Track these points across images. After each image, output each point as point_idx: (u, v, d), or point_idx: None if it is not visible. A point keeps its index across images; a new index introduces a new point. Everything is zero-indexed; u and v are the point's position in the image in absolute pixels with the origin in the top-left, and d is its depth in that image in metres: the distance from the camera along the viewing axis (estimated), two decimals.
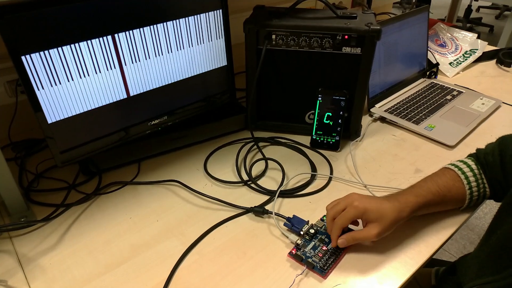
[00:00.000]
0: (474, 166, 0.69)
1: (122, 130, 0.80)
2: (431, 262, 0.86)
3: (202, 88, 0.89)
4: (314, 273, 0.61)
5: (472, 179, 0.68)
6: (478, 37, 1.41)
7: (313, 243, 0.65)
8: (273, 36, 0.85)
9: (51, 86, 0.66)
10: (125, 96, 0.77)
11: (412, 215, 0.64)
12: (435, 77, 1.25)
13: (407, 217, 0.63)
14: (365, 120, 1.03)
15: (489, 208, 1.97)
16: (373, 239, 0.61)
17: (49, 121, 0.69)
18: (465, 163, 0.71)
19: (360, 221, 0.66)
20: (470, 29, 1.39)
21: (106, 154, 0.81)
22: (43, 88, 0.66)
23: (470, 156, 0.73)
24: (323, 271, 0.60)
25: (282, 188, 0.79)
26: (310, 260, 0.62)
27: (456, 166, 0.70)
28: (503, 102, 1.11)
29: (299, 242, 0.65)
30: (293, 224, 0.67)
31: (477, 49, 1.37)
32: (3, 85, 0.87)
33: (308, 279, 0.60)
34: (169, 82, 0.82)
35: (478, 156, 0.71)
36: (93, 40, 0.68)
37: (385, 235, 0.62)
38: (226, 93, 0.95)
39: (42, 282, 0.61)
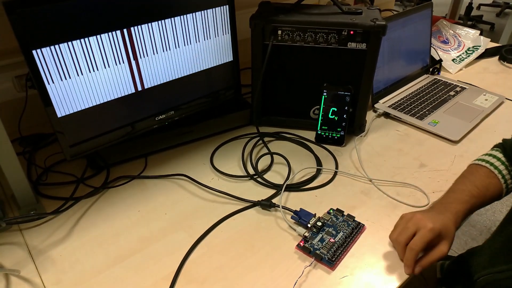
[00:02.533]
0: (504, 159, 0.69)
1: (130, 124, 0.80)
2: None
3: (208, 83, 0.90)
4: (322, 265, 0.62)
5: (505, 172, 0.67)
6: (481, 34, 1.41)
7: (320, 235, 0.66)
8: (279, 32, 0.86)
9: (61, 80, 0.67)
10: (133, 91, 0.77)
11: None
12: (438, 74, 1.26)
13: (459, 227, 0.62)
14: (369, 115, 1.03)
15: (490, 205, 1.98)
16: (444, 256, 0.60)
17: (59, 115, 0.69)
18: (494, 156, 0.70)
19: None
20: (472, 27, 1.40)
21: (114, 148, 0.81)
22: (53, 82, 0.66)
23: (496, 147, 0.72)
24: (332, 262, 0.61)
25: (288, 182, 0.79)
26: (318, 252, 0.62)
27: (487, 162, 0.69)
28: (506, 98, 1.11)
29: (306, 234, 0.65)
30: (300, 217, 0.68)
31: (479, 46, 1.37)
32: (11, 80, 0.88)
33: (317, 271, 0.61)
34: (176, 77, 0.83)
35: (505, 147, 0.70)
36: (102, 35, 0.69)
37: None
38: (232, 88, 0.95)
39: (52, 273, 0.62)
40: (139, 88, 0.78)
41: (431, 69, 1.26)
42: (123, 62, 0.73)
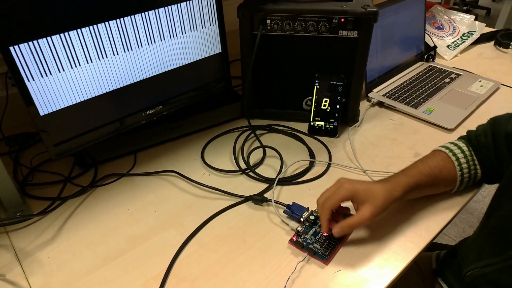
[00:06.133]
0: (465, 148, 0.69)
1: (117, 120, 0.78)
2: (431, 246, 0.85)
3: (196, 76, 0.88)
4: (316, 260, 0.60)
5: (463, 160, 0.68)
6: (476, 19, 1.39)
7: (313, 229, 0.64)
8: (268, 21, 0.83)
9: (42, 77, 0.65)
10: (119, 86, 0.75)
11: (405, 196, 0.63)
12: (433, 60, 1.24)
13: (400, 197, 0.61)
14: (363, 105, 1.02)
15: (488, 191, 1.98)
16: (367, 221, 0.58)
17: (41, 114, 0.67)
18: (455, 144, 0.70)
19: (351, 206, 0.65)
20: (467, 12, 1.37)
21: (101, 145, 0.79)
22: (33, 80, 0.64)
23: (461, 138, 0.73)
24: (325, 257, 0.60)
25: (280, 176, 0.78)
26: (311, 246, 0.61)
27: (447, 148, 0.70)
28: (501, 84, 1.10)
29: (299, 229, 0.64)
30: (293, 211, 0.67)
31: (474, 31, 1.35)
32: None
33: (310, 266, 0.60)
34: (163, 71, 0.81)
35: (470, 138, 0.71)
36: (83, 29, 0.66)
37: (379, 217, 0.60)
38: (222, 81, 0.93)
39: (40, 276, 0.60)
40: (125, 83, 0.76)
41: (425, 56, 1.24)
42: (106, 57, 0.71)
